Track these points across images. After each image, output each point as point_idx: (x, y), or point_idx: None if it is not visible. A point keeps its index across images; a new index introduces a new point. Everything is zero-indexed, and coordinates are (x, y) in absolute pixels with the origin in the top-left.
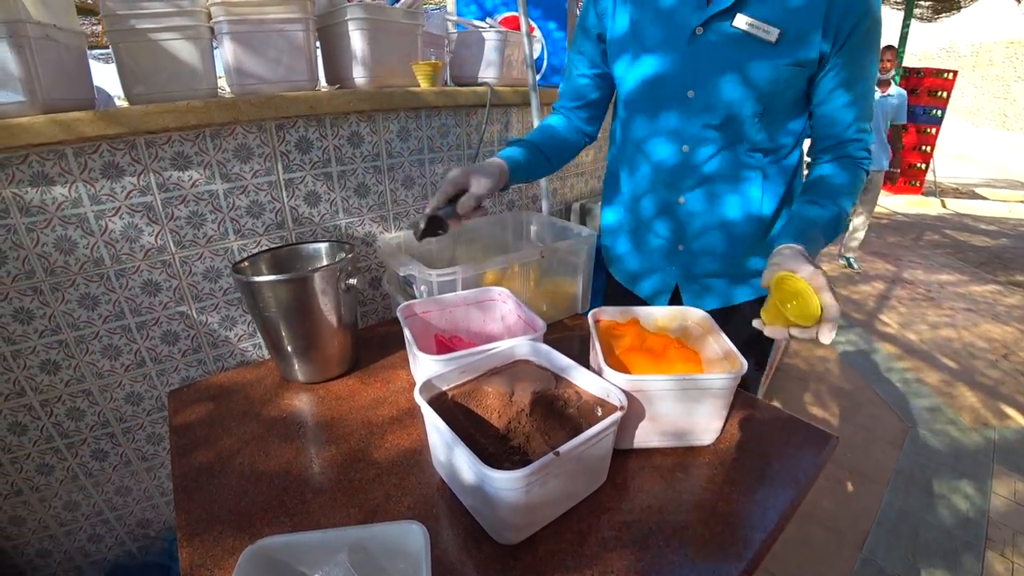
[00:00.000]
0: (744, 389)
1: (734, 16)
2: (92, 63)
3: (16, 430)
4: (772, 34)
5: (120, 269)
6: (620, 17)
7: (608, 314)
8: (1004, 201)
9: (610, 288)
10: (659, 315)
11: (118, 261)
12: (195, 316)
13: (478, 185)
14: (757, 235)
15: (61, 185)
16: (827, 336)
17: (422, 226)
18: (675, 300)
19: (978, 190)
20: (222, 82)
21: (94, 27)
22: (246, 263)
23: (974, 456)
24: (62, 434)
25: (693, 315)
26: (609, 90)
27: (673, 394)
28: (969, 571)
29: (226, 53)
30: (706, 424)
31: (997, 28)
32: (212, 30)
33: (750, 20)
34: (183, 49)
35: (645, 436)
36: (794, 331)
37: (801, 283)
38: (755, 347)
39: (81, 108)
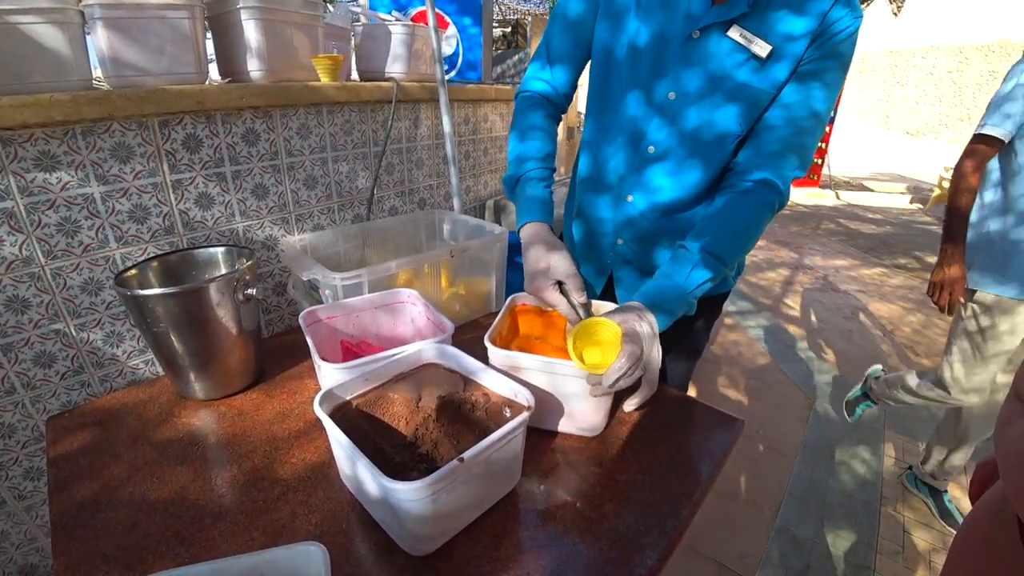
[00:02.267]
0: (674, 381)
1: (729, 26)
2: None
3: None
4: (764, 49)
5: None
6: None
7: (530, 300)
8: (888, 193)
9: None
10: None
11: None
12: (74, 334)
13: (575, 283)
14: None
15: None
16: (595, 390)
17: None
18: (609, 288)
19: (866, 183)
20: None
21: None
22: (133, 272)
23: (869, 424)
24: None
25: (606, 308)
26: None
27: (544, 376)
28: (868, 527)
29: (99, 41)
30: (585, 411)
31: (879, 38)
32: (83, 14)
33: (743, 32)
34: (46, 34)
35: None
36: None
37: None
38: (687, 342)
39: None
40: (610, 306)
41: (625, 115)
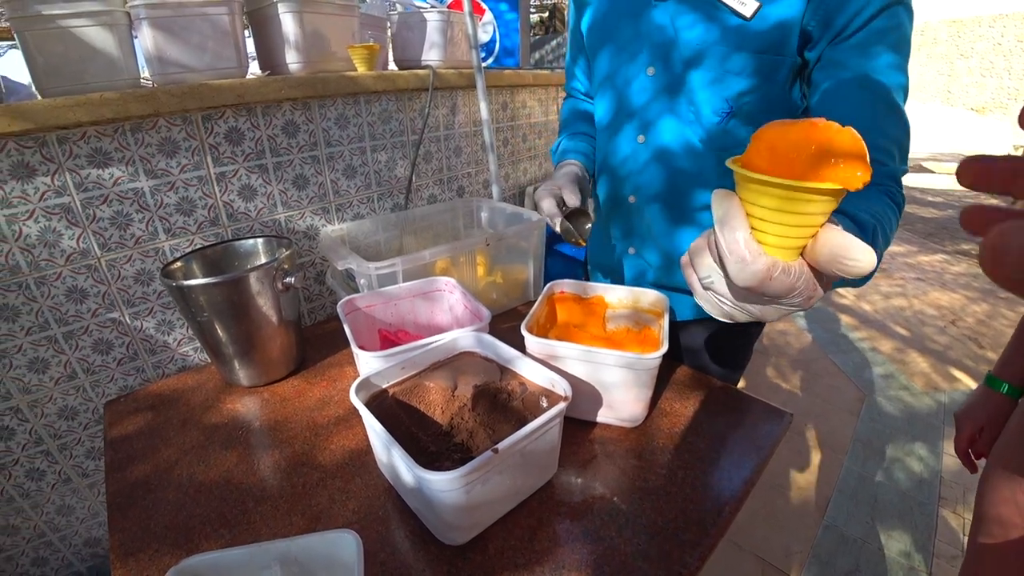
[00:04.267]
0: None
1: None
2: (13, 52)
3: None
4: (748, 7)
5: (40, 276)
6: None
7: (568, 287)
8: (949, 174)
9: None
10: (619, 295)
11: (37, 268)
12: (128, 322)
13: (571, 197)
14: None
15: None
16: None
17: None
18: None
19: (925, 163)
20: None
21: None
22: (178, 264)
23: (926, 420)
24: None
25: (648, 296)
26: None
27: (584, 365)
28: (924, 529)
29: (145, 40)
30: (626, 401)
31: (941, 7)
32: (129, 15)
33: None
34: (97, 37)
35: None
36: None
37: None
38: (741, 342)
39: None
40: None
41: (615, 91)
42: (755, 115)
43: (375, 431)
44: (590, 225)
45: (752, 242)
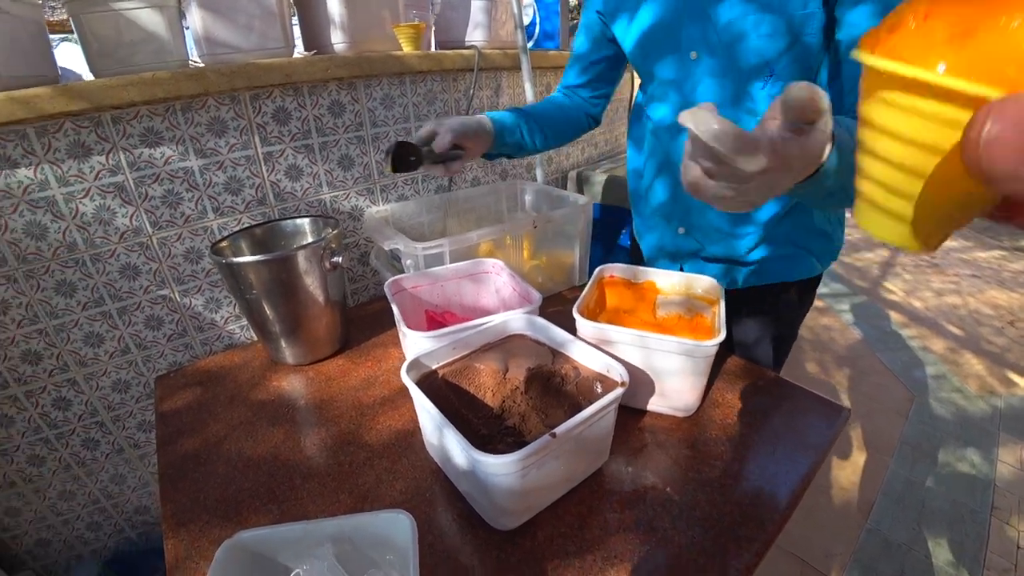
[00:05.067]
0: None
1: None
2: (65, 44)
3: (3, 422)
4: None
5: (95, 253)
6: None
7: (619, 272)
8: None
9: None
10: (672, 280)
11: (93, 245)
12: (178, 299)
13: (450, 124)
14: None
15: (26, 167)
16: None
17: (391, 154)
18: None
19: None
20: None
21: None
22: (226, 243)
23: (980, 424)
24: (50, 424)
25: (702, 282)
26: (614, 65)
27: (637, 351)
28: (975, 539)
29: (194, 21)
30: (680, 389)
31: None
32: None
33: None
34: (148, 19)
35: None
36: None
37: None
38: (785, 328)
39: (43, 85)
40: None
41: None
42: None
43: (428, 412)
44: (414, 159)
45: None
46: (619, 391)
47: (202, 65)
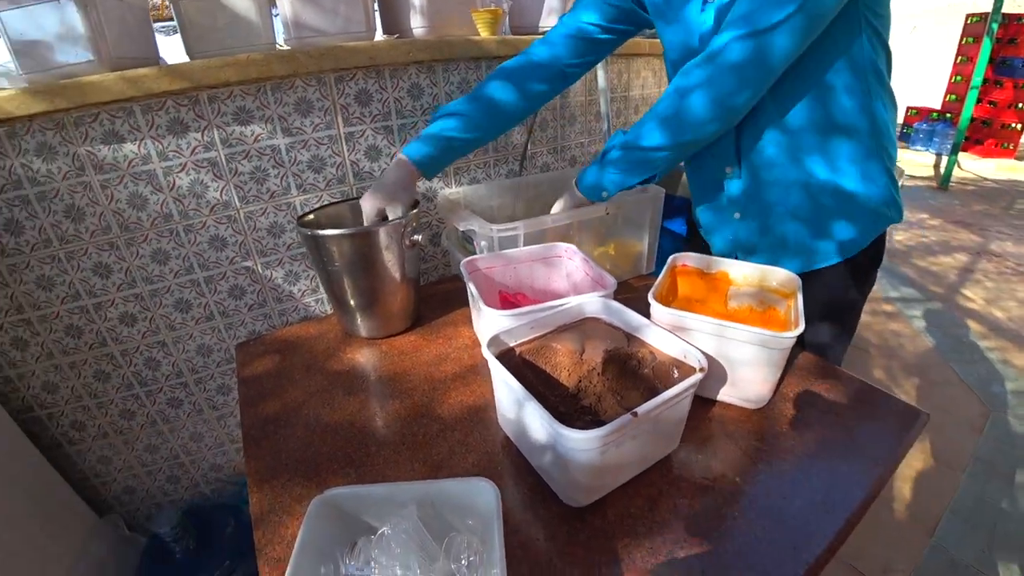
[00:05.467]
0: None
1: None
2: (156, 35)
3: (100, 377)
4: None
5: (188, 224)
6: None
7: (692, 261)
8: None
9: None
10: (745, 271)
11: (186, 217)
12: (260, 271)
13: (394, 212)
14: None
15: (131, 142)
16: None
17: None
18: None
19: None
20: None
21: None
22: (309, 218)
23: None
24: (141, 382)
25: (778, 275)
26: (614, 40)
27: (712, 340)
28: None
29: (283, 6)
30: (753, 380)
31: None
32: None
33: None
34: (241, 5)
35: None
36: None
37: None
38: (835, 318)
39: (146, 66)
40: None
41: None
42: None
43: (508, 386)
44: None
45: None
46: (698, 376)
47: (289, 48)
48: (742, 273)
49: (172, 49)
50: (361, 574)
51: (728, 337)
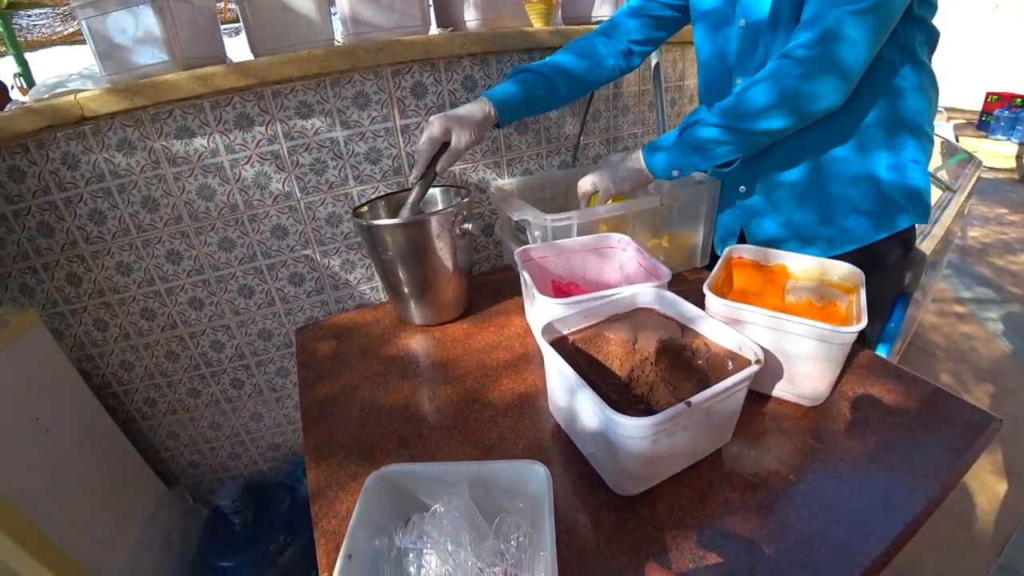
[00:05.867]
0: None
1: None
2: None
3: (171, 358)
4: None
5: (252, 214)
6: None
7: (748, 253)
8: None
9: None
10: (804, 264)
11: (250, 207)
12: (318, 259)
13: (458, 139)
14: (841, 174)
15: (201, 136)
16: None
17: (413, 200)
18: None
19: None
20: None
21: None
22: (365, 208)
23: None
24: (206, 363)
25: (839, 269)
26: (676, 19)
27: (769, 333)
28: None
29: (341, 3)
30: (811, 376)
31: None
32: None
33: None
34: (302, 3)
35: None
36: None
37: None
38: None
39: (215, 65)
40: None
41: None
42: None
43: (562, 372)
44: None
45: None
46: (754, 368)
47: (347, 43)
48: (801, 266)
49: (237, 50)
50: (414, 548)
51: (786, 331)
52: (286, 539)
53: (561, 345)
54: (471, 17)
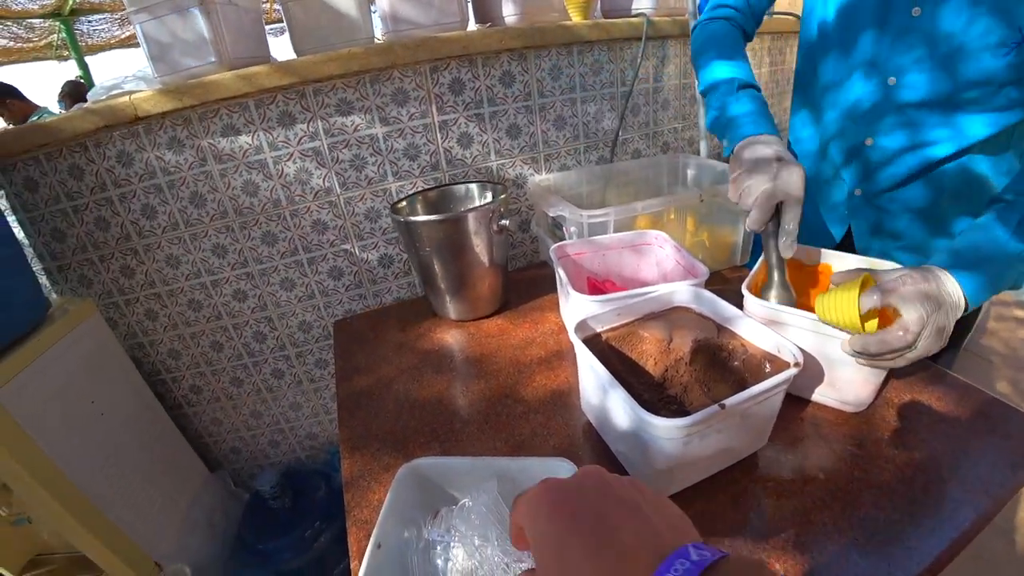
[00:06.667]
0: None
1: None
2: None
3: (216, 347)
4: None
5: (294, 209)
6: None
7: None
8: None
9: None
10: (849, 264)
11: (292, 202)
12: (357, 253)
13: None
14: (967, 185)
15: (246, 134)
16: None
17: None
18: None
19: None
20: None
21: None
22: (403, 203)
23: None
24: (249, 353)
25: (886, 268)
26: None
27: (810, 336)
28: None
29: (381, 0)
30: (853, 381)
31: None
32: None
33: None
34: (342, 2)
35: None
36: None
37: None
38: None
39: (260, 64)
40: (883, 263)
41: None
42: None
43: (595, 371)
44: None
45: None
46: (792, 371)
47: (387, 41)
48: (846, 267)
49: (280, 49)
50: (442, 540)
51: (827, 333)
52: (321, 525)
53: (594, 343)
54: (509, 12)
